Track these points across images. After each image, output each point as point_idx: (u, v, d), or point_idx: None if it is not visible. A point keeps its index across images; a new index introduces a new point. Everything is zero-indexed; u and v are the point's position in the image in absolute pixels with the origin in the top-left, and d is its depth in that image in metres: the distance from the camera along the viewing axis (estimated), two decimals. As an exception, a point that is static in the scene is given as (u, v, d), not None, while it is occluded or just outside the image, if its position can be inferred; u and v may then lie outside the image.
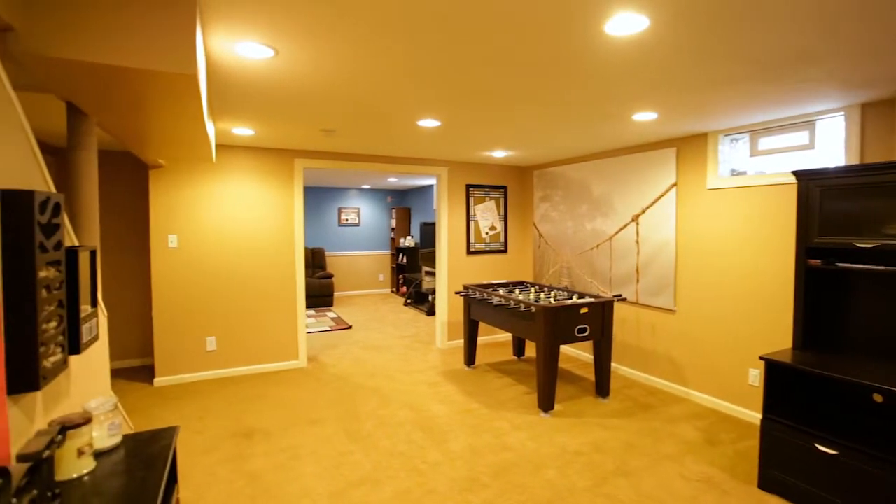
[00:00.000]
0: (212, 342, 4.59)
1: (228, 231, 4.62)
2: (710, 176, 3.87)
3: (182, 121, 2.26)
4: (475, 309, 4.70)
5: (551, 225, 5.76)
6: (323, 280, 8.59)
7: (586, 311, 3.82)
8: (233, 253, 4.64)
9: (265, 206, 4.77)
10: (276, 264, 4.84)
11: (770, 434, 2.62)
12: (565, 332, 3.73)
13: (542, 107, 3.09)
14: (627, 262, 4.68)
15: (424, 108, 3.14)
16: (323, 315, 7.80)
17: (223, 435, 3.38)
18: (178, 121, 2.26)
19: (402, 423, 3.57)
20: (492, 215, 6.04)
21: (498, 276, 6.11)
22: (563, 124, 3.63)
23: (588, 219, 5.18)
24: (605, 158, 4.91)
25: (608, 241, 4.91)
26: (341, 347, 5.77)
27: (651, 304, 4.42)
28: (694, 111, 3.19)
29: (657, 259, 4.34)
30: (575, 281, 5.41)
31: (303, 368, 4.91)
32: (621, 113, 3.26)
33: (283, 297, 4.88)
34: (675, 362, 4.19)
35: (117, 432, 1.48)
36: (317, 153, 4.97)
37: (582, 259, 5.29)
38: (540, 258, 5.98)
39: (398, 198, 10.53)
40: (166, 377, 4.43)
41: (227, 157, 4.59)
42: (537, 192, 6.00)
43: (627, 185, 4.66)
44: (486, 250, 6.00)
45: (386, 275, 10.38)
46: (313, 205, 9.60)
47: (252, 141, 4.39)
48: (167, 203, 4.37)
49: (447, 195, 5.71)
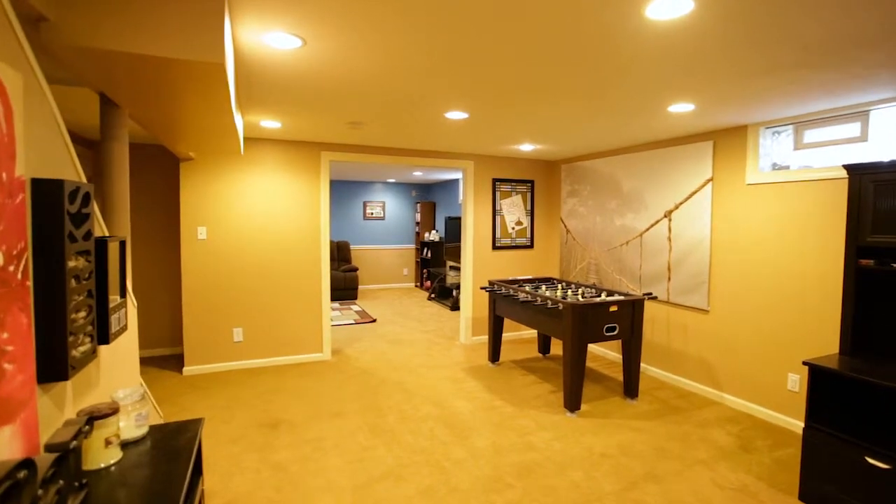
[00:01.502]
0: (239, 333, 4.66)
1: (255, 223, 4.66)
2: (749, 170, 3.70)
3: (211, 112, 2.26)
4: (500, 305, 4.63)
5: (579, 220, 5.63)
6: (348, 273, 8.65)
7: (615, 309, 3.71)
8: (259, 245, 4.69)
9: (292, 199, 4.79)
10: (302, 257, 4.87)
11: (813, 443, 2.48)
12: (593, 331, 3.63)
13: (575, 99, 2.99)
14: (658, 260, 4.53)
15: (453, 99, 3.08)
16: (348, 308, 7.85)
17: (249, 424, 3.41)
18: (206, 112, 2.26)
19: (426, 418, 3.54)
20: (518, 210, 5.94)
21: (523, 272, 6.02)
22: (595, 117, 3.51)
23: (617, 214, 5.04)
24: (636, 152, 4.75)
25: (638, 238, 4.77)
26: (365, 341, 5.78)
27: (683, 303, 4.27)
28: (735, 102, 3.04)
29: (690, 257, 4.18)
30: (603, 278, 5.27)
31: (327, 361, 4.94)
32: (657, 105, 3.13)
33: (308, 290, 4.91)
34: (708, 364, 4.04)
35: (144, 423, 1.49)
36: (343, 146, 4.96)
37: (610, 256, 5.15)
38: (567, 254, 5.86)
39: (423, 192, 10.50)
40: (195, 366, 4.51)
41: (255, 150, 4.63)
42: (565, 187, 5.87)
43: (659, 179, 4.50)
44: (512, 245, 5.92)
45: (410, 269, 10.38)
46: (339, 198, 9.66)
47: (279, 134, 4.41)
48: (197, 195, 4.44)
49: (473, 189, 5.64)
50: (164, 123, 2.53)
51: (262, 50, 2.17)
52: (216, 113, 2.27)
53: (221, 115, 2.30)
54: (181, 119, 2.43)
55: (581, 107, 3.22)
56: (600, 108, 3.26)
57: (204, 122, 2.49)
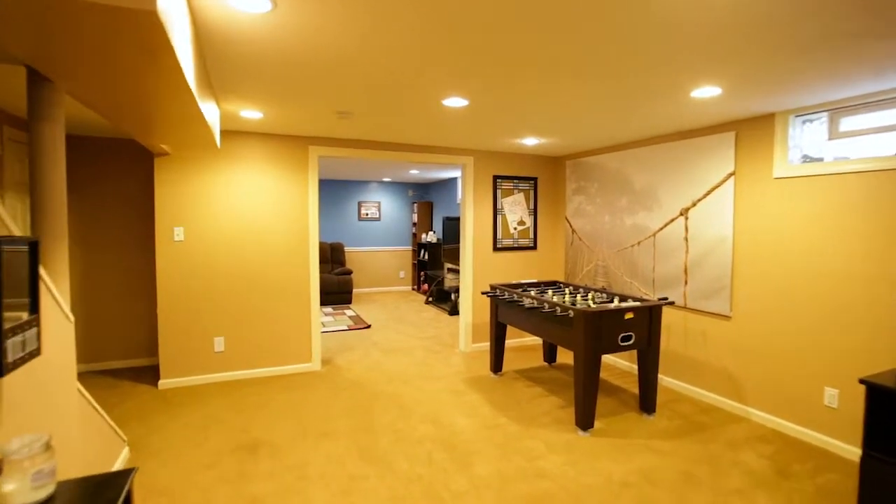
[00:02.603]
0: (220, 343, 4.29)
1: (238, 224, 4.30)
2: (777, 163, 3.36)
3: (162, 87, 1.91)
4: (503, 311, 4.28)
5: (586, 220, 5.29)
6: (342, 276, 8.28)
7: (631, 316, 3.36)
8: (242, 247, 4.33)
9: (278, 197, 4.44)
10: (289, 260, 4.51)
11: (873, 475, 2.14)
12: (607, 341, 3.28)
13: (586, 81, 2.65)
14: (674, 261, 4.19)
15: (451, 82, 2.73)
16: (341, 313, 7.49)
17: (226, 448, 3.05)
18: (158, 87, 1.91)
19: (423, 439, 3.19)
20: (520, 209, 5.60)
21: (527, 275, 5.67)
22: (608, 103, 3.17)
23: (628, 213, 4.70)
24: (649, 146, 4.41)
25: (651, 238, 4.43)
26: (359, 349, 5.42)
27: (701, 308, 3.93)
28: (767, 84, 2.69)
29: (710, 258, 3.84)
30: (612, 281, 4.93)
31: (316, 372, 4.58)
32: (679, 88, 2.78)
33: (296, 295, 4.55)
34: (731, 375, 3.70)
35: (48, 482, 1.13)
36: (332, 140, 4.61)
37: (620, 257, 4.81)
38: (573, 256, 5.51)
39: (420, 191, 10.15)
40: (172, 379, 4.15)
41: (236, 145, 4.27)
42: (570, 184, 5.53)
43: (675, 175, 4.16)
44: (515, 247, 5.57)
45: (407, 272, 10.03)
46: (333, 198, 9.31)
47: (262, 126, 4.05)
48: (173, 193, 4.08)
49: (473, 187, 5.30)
50: (112, 104, 2.17)
51: (226, 13, 1.82)
52: (170, 89, 1.92)
53: (177, 92, 1.94)
54: (130, 98, 2.08)
55: (595, 90, 2.87)
56: (615, 93, 2.91)
57: (159, 102, 2.14)
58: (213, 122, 3.07)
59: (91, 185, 4.53)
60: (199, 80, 2.19)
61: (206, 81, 2.57)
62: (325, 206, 9.25)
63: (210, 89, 2.80)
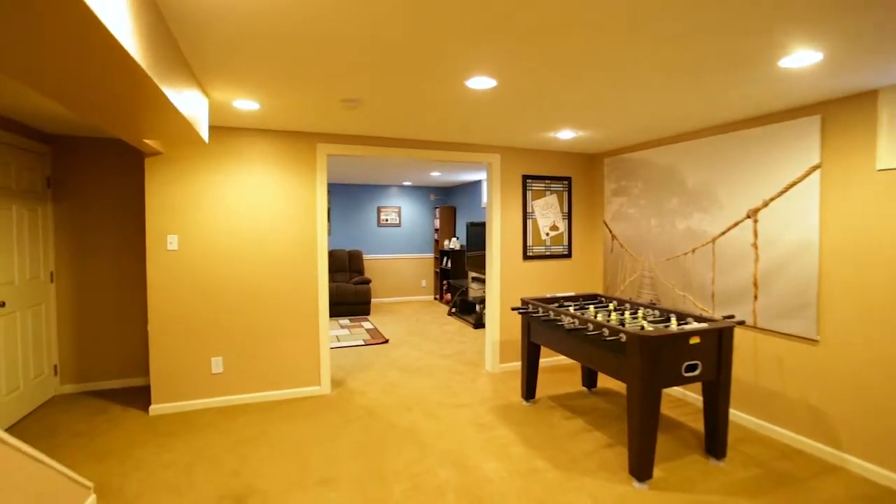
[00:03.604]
0: (217, 364, 3.85)
1: (238, 231, 3.86)
2: (882, 152, 2.71)
3: (97, 59, 1.44)
4: (537, 330, 3.71)
5: (628, 224, 4.67)
6: (360, 286, 7.83)
7: (697, 340, 2.75)
8: (243, 257, 3.89)
9: (283, 201, 3.98)
10: (296, 271, 4.04)
11: None
12: (669, 371, 2.68)
13: (645, 46, 2.08)
14: (739, 273, 3.54)
15: (476, 55, 2.21)
16: (358, 325, 7.01)
17: (210, 498, 2.57)
18: (90, 62, 1.44)
19: (443, 488, 2.64)
20: (553, 212, 5.02)
21: (560, 286, 5.08)
22: (670, 80, 2.59)
23: (680, 216, 4.07)
24: (707, 137, 3.79)
25: (709, 245, 3.79)
26: (374, 368, 4.92)
27: (777, 329, 3.27)
28: (890, 45, 2.08)
29: (788, 268, 3.20)
30: (661, 294, 4.30)
31: (325, 397, 4.09)
32: (768, 54, 2.19)
33: (302, 310, 4.08)
34: (818, 412, 3.03)
35: None
36: (343, 137, 4.14)
37: (670, 267, 4.18)
38: (613, 265, 4.90)
39: (442, 196, 9.65)
40: (164, 404, 3.71)
41: (236, 142, 3.84)
42: (609, 185, 4.92)
43: (739, 170, 3.53)
44: (547, 255, 4.99)
45: (429, 280, 9.52)
46: (350, 204, 8.89)
47: (262, 120, 3.61)
48: (166, 197, 3.66)
49: (500, 188, 4.75)
50: (53, 83, 1.72)
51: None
52: (107, 62, 1.45)
53: (118, 68, 1.47)
54: (67, 77, 1.62)
55: (655, 60, 2.30)
56: (683, 62, 2.34)
57: (102, 81, 1.67)
58: (197, 112, 2.62)
59: (82, 188, 4.17)
60: (158, 55, 1.72)
61: (177, 59, 2.11)
62: (342, 212, 8.85)
63: (186, 71, 2.35)
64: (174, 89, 2.08)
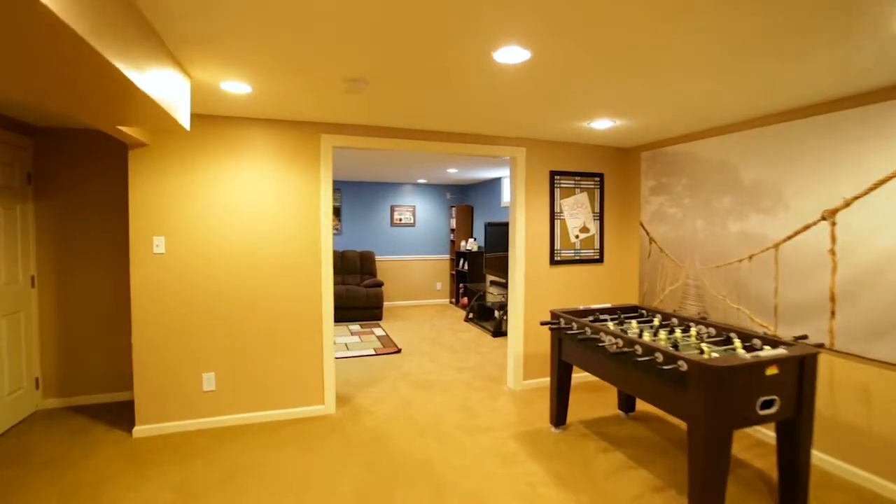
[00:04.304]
0: (209, 380, 3.45)
1: (233, 231, 3.46)
2: None
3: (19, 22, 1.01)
4: (569, 348, 3.23)
5: (669, 226, 4.15)
6: (371, 289, 7.41)
7: (776, 371, 2.25)
8: (238, 260, 3.48)
9: (283, 198, 3.57)
10: (297, 275, 3.62)
11: None
12: (743, 409, 2.18)
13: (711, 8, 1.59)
14: (810, 283, 3.01)
15: (508, 18, 1.74)
16: (369, 332, 6.59)
17: (183, 550, 2.16)
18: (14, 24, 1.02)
19: (462, 546, 2.18)
20: (583, 212, 4.52)
21: (591, 295, 4.57)
22: (737, 53, 2.09)
23: (734, 216, 3.55)
24: (768, 125, 3.26)
25: (771, 250, 3.26)
26: (385, 382, 4.48)
27: (861, 353, 2.74)
28: None
29: (878, 280, 2.66)
30: (709, 307, 3.77)
31: (329, 418, 3.66)
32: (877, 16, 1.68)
33: (305, 318, 3.66)
34: (918, 455, 2.50)
35: None
36: (350, 127, 3.71)
37: (721, 275, 3.65)
38: (650, 271, 4.38)
39: (459, 194, 9.19)
40: (149, 426, 3.33)
41: (229, 132, 3.43)
42: (647, 182, 4.40)
43: (811, 164, 3.00)
44: (576, 259, 4.49)
45: (444, 283, 9.06)
46: (362, 202, 8.48)
47: (257, 107, 3.19)
48: (152, 194, 3.27)
49: (525, 185, 4.27)
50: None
51: None
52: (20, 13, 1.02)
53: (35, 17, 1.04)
54: None
55: (724, 29, 1.80)
56: (763, 29, 1.83)
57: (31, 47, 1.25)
58: (172, 94, 2.20)
59: (68, 185, 3.82)
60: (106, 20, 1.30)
61: (138, 27, 1.69)
62: (353, 211, 8.44)
63: (155, 43, 1.93)
64: (133, 63, 1.66)
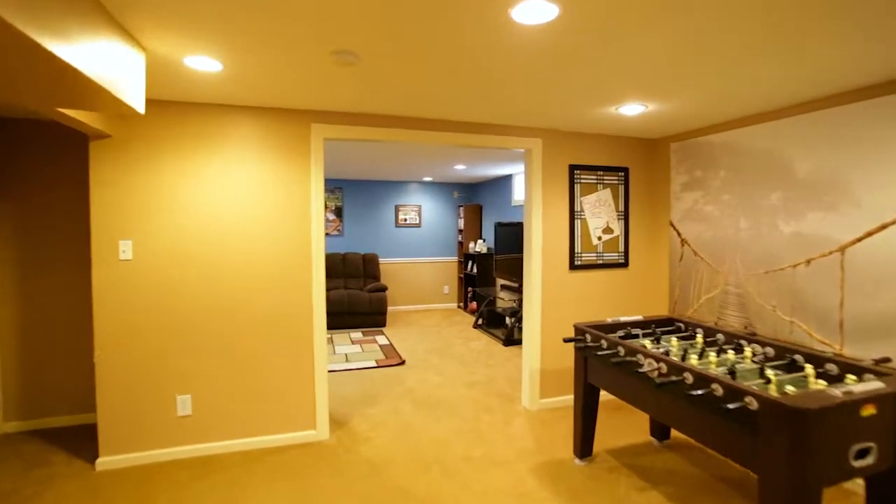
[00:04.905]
0: (185, 403, 3.03)
1: (211, 234, 3.04)
2: None
3: None
4: (598, 369, 2.77)
5: (705, 225, 3.67)
6: (374, 294, 6.98)
7: (873, 411, 1.77)
8: (217, 266, 3.06)
9: (268, 195, 3.14)
10: (285, 283, 3.20)
11: None
12: (833, 459, 1.71)
13: None
14: (888, 295, 2.53)
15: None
16: (371, 340, 6.16)
17: None
18: None
19: None
20: (606, 211, 4.05)
21: (616, 302, 4.10)
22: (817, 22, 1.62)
23: (785, 215, 3.07)
24: (831, 108, 2.78)
25: (836, 254, 2.78)
26: (386, 400, 4.05)
27: (957, 378, 2.25)
28: None
29: (979, 293, 2.18)
30: (753, 318, 3.30)
31: (321, 444, 3.23)
32: None
33: (294, 331, 3.23)
34: None
35: None
36: (345, 116, 3.27)
37: (769, 282, 3.18)
38: (683, 277, 3.90)
39: (467, 193, 8.74)
40: (115, 457, 2.91)
41: (204, 121, 3.01)
42: (678, 176, 3.93)
43: (889, 151, 2.52)
44: (598, 263, 4.02)
45: (452, 286, 8.62)
46: (365, 202, 8.06)
47: (234, 90, 2.76)
48: (117, 193, 2.86)
49: (541, 181, 3.81)
50: None
51: None
52: None
53: None
54: None
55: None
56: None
57: None
58: (116, 69, 1.78)
59: (26, 185, 3.42)
60: None
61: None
62: (356, 212, 8.02)
63: (91, 4, 1.50)
64: (52, 30, 1.23)
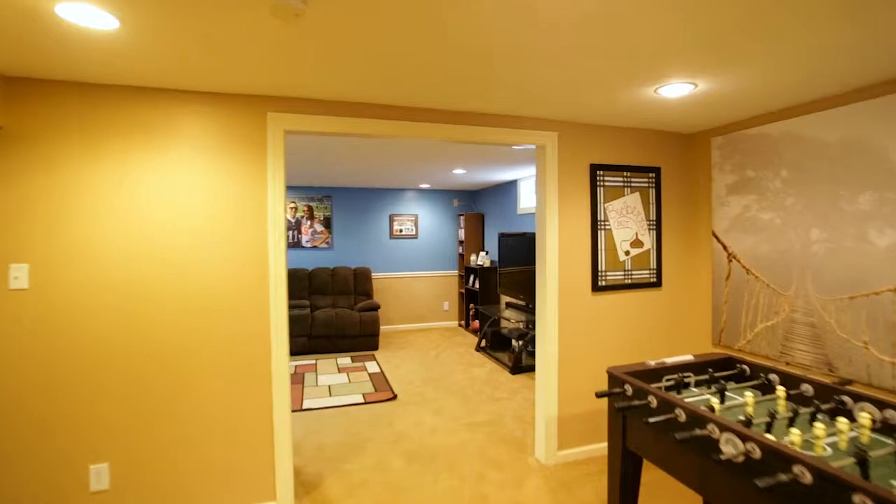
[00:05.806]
0: (100, 475, 2.33)
1: (135, 255, 2.36)
2: None
3: None
4: (640, 432, 2.05)
5: (761, 237, 2.98)
6: (365, 313, 6.28)
7: None
8: (143, 294, 2.37)
9: (210, 203, 2.47)
10: (233, 310, 2.51)
11: None
12: None
13: None
14: None
15: None
16: (360, 368, 5.45)
17: None
18: None
19: None
20: (635, 220, 3.36)
21: (648, 332, 3.39)
22: None
23: (879, 223, 2.37)
24: (949, 81, 2.10)
25: (957, 276, 2.08)
26: (371, 452, 3.33)
27: None
28: None
29: None
30: (832, 355, 2.58)
31: (279, 523, 2.52)
32: None
33: (246, 370, 2.54)
34: None
35: None
36: (309, 103, 2.60)
37: (856, 309, 2.47)
38: (732, 301, 3.19)
39: (467, 200, 8.06)
40: (2, 548, 2.22)
41: (127, 112, 2.34)
42: (722, 177, 3.24)
43: None
44: (627, 283, 3.32)
45: (452, 302, 7.91)
46: (356, 211, 7.39)
47: (147, 62, 2.09)
48: (10, 200, 2.19)
49: (557, 183, 3.13)
50: None
51: None
52: None
53: None
54: None
55: None
56: None
57: None
58: None
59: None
60: None
61: None
62: (346, 222, 7.35)
63: None
64: None
